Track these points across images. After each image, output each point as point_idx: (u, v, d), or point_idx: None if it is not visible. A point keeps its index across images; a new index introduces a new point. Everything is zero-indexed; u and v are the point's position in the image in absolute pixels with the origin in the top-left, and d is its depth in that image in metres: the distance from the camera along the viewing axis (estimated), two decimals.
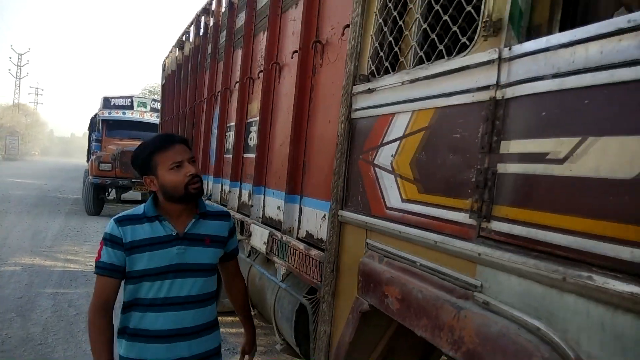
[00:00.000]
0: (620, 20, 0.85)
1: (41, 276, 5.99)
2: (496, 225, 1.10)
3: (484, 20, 1.16)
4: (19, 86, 49.87)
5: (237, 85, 3.59)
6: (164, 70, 7.85)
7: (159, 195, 1.63)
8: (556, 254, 0.94)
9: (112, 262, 1.58)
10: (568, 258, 0.92)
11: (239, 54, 3.68)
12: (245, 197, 3.27)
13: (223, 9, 4.39)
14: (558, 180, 0.94)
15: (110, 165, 10.35)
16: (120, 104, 12.03)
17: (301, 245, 2.20)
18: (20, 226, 9.19)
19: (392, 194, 1.52)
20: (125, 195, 11.65)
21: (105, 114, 11.91)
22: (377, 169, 1.62)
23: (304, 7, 2.43)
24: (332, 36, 2.19)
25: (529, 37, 1.12)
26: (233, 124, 3.67)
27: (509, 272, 1.06)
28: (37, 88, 55.52)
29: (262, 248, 2.68)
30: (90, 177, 10.70)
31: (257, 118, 3.07)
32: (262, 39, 3.15)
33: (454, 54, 1.31)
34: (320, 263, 1.97)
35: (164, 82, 7.90)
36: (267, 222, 2.80)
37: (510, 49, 1.10)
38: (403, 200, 1.47)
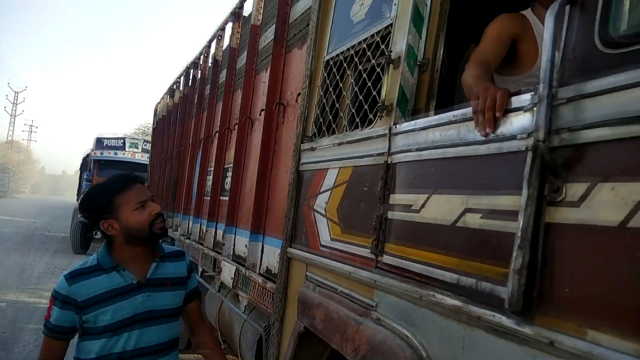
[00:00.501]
0: (449, 115, 1.23)
1: (25, 312, 6.15)
2: (386, 259, 1.45)
3: (379, 103, 1.55)
4: (14, 123, 50.43)
5: (217, 134, 3.98)
6: (155, 114, 8.30)
7: (117, 240, 1.57)
8: (416, 279, 1.28)
9: (60, 324, 1.52)
10: (422, 282, 1.26)
11: (220, 106, 4.09)
12: (219, 236, 3.58)
13: (209, 64, 4.85)
14: (416, 224, 1.30)
15: None
16: (112, 145, 12.44)
17: (260, 279, 2.51)
18: (7, 263, 9.33)
19: (324, 233, 1.86)
20: None
21: (98, 154, 12.28)
22: (315, 213, 1.96)
23: (270, 72, 2.85)
24: (291, 100, 2.59)
25: (414, 117, 1.50)
26: (212, 168, 4.03)
27: (392, 294, 1.39)
28: (31, 125, 56.11)
29: (230, 282, 2.97)
30: (79, 215, 10.92)
31: (232, 165, 3.43)
32: (239, 95, 3.57)
33: (366, 125, 1.69)
34: (273, 294, 2.28)
35: (155, 125, 8.33)
36: (236, 259, 3.11)
37: (396, 126, 1.48)
38: (331, 239, 1.81)
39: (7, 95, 51.70)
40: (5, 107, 50.93)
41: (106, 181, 1.61)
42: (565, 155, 0.91)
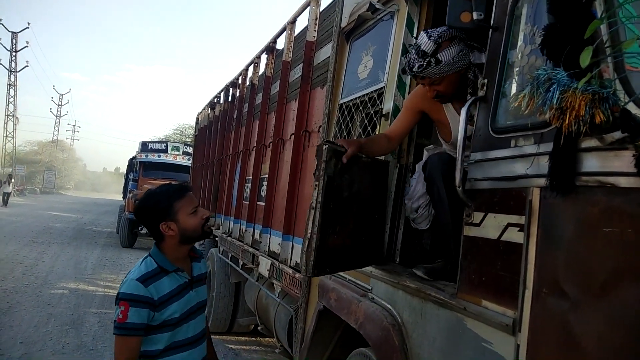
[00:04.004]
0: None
1: (86, 298, 7.04)
2: None
3: None
4: (59, 124, 53.12)
5: (255, 149, 4.66)
6: (197, 123, 9.10)
7: (172, 241, 1.74)
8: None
9: (142, 321, 1.64)
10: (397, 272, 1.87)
11: (256, 124, 4.77)
12: (257, 236, 4.26)
13: (247, 85, 5.54)
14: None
15: None
16: (156, 148, 13.44)
17: (290, 271, 3.16)
18: (64, 256, 10.37)
19: None
20: None
21: (143, 157, 13.29)
22: None
23: (298, 104, 3.49)
24: (314, 129, 3.22)
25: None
26: (250, 177, 4.71)
27: (381, 281, 2.01)
28: (74, 125, 58.98)
29: (266, 274, 3.64)
30: (127, 212, 11.90)
31: (267, 176, 4.10)
32: (273, 117, 4.23)
33: None
34: (300, 282, 2.92)
35: (196, 133, 9.14)
36: (271, 254, 3.77)
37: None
38: None
39: (52, 97, 54.36)
40: (50, 109, 53.74)
41: (163, 189, 1.78)
42: (472, 196, 1.51)
